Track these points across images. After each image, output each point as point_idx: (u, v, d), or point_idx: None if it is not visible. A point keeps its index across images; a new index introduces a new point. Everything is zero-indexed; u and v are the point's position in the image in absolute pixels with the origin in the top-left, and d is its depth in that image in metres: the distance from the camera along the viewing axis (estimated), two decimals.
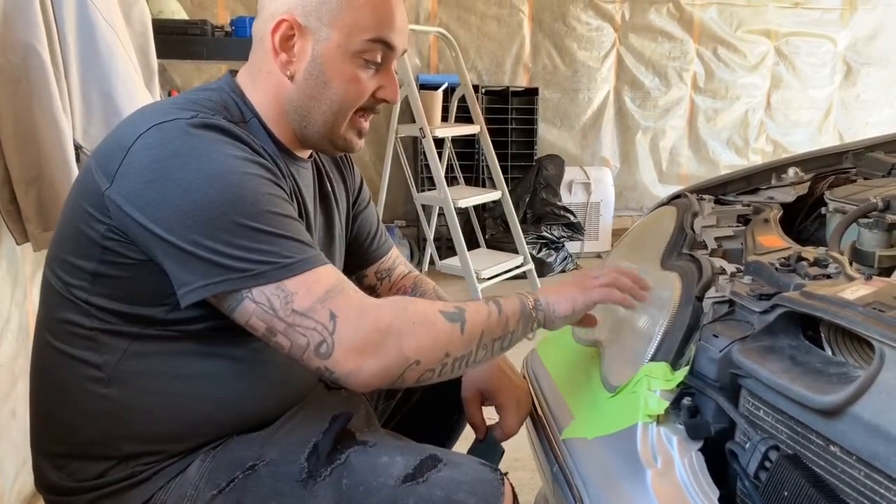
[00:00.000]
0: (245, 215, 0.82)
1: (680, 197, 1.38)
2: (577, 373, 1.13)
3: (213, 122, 0.87)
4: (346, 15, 0.93)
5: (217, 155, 0.84)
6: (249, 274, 0.81)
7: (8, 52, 1.26)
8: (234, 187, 0.83)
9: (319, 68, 0.95)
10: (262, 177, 0.87)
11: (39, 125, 1.30)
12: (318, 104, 0.97)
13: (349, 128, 1.00)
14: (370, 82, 0.97)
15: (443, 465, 0.93)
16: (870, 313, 0.70)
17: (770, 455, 0.73)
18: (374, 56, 0.96)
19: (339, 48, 0.94)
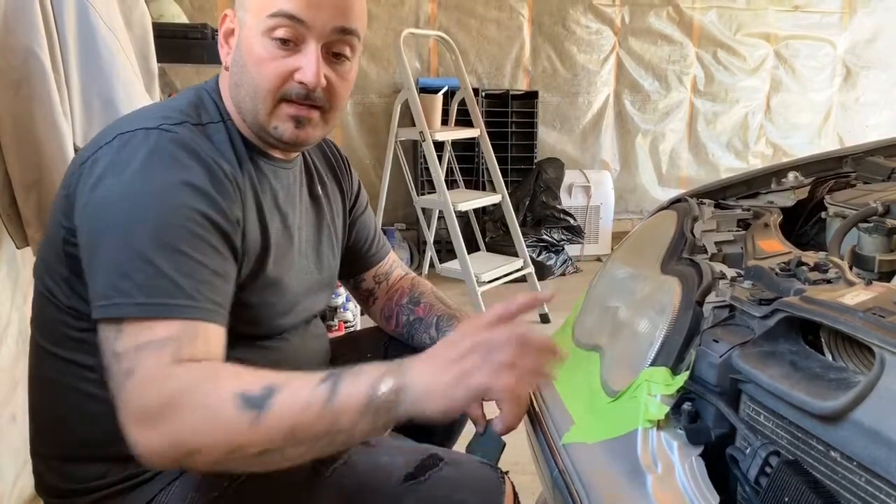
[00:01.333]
0: (142, 241, 0.80)
1: (680, 201, 1.38)
2: (577, 377, 1.12)
3: (173, 135, 0.87)
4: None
5: (153, 174, 0.83)
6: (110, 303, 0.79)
7: (8, 55, 1.26)
8: (149, 210, 0.81)
9: (240, 54, 0.94)
10: (190, 207, 0.83)
11: (39, 129, 1.30)
12: (241, 90, 0.95)
13: (276, 117, 0.94)
14: (283, 63, 0.91)
15: (444, 465, 0.94)
16: (870, 319, 0.70)
17: (770, 460, 0.73)
18: (283, 33, 0.90)
19: (251, 30, 0.92)
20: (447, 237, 3.54)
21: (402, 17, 4.24)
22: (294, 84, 0.92)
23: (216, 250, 0.85)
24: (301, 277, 1.06)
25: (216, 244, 0.85)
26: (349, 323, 2.82)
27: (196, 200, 0.84)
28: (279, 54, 0.91)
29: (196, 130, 0.91)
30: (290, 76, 0.92)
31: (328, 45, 0.93)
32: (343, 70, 0.97)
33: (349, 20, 0.93)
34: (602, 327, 1.15)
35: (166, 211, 0.82)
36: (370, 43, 4.21)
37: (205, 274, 0.82)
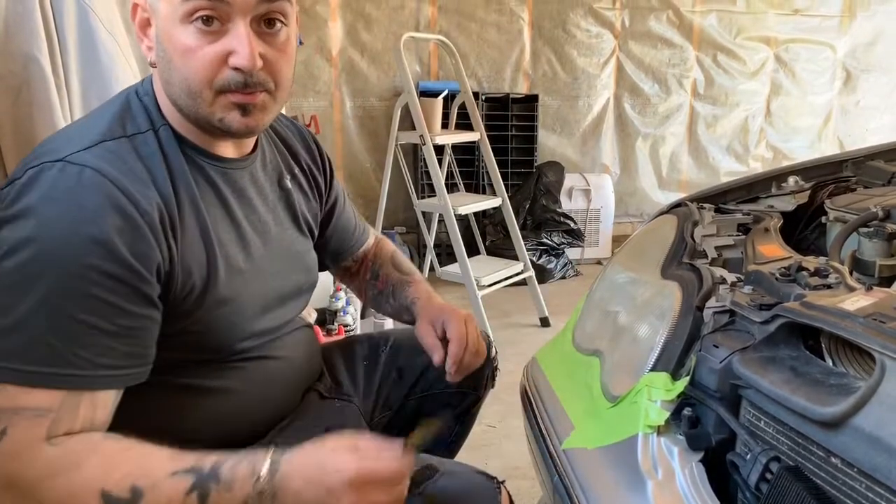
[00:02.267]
0: (30, 305, 0.73)
1: (680, 206, 1.38)
2: (577, 382, 1.12)
3: (79, 171, 0.77)
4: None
5: (50, 228, 0.75)
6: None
7: (8, 60, 1.26)
8: (42, 272, 0.74)
9: (161, 47, 0.83)
10: (87, 266, 0.75)
11: (40, 133, 1.30)
12: (172, 87, 0.85)
13: (219, 108, 0.85)
14: (212, 50, 0.82)
15: (439, 476, 0.93)
16: (870, 324, 0.70)
17: (771, 466, 0.73)
18: (204, 12, 0.80)
19: (167, 19, 0.82)
20: (447, 241, 3.54)
21: (403, 21, 4.24)
22: (228, 71, 0.82)
23: (118, 308, 0.77)
24: (268, 285, 0.99)
25: (119, 301, 0.77)
26: (349, 327, 2.82)
27: (96, 257, 0.75)
28: (205, 40, 0.81)
29: (118, 150, 0.82)
30: (222, 62, 0.82)
31: (257, 18, 0.83)
32: (279, 41, 0.86)
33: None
34: (602, 332, 1.14)
35: (60, 273, 0.74)
36: (371, 46, 4.22)
37: (98, 338, 0.76)
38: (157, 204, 0.81)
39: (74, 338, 0.75)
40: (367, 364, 1.28)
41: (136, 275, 0.78)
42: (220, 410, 0.95)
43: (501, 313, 3.42)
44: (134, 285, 0.78)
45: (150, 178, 0.83)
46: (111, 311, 0.77)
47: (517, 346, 2.94)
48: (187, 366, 0.91)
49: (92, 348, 0.76)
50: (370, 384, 1.26)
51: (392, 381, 1.28)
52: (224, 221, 0.92)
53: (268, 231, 1.00)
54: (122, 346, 0.78)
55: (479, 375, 1.31)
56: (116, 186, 0.78)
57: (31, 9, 1.27)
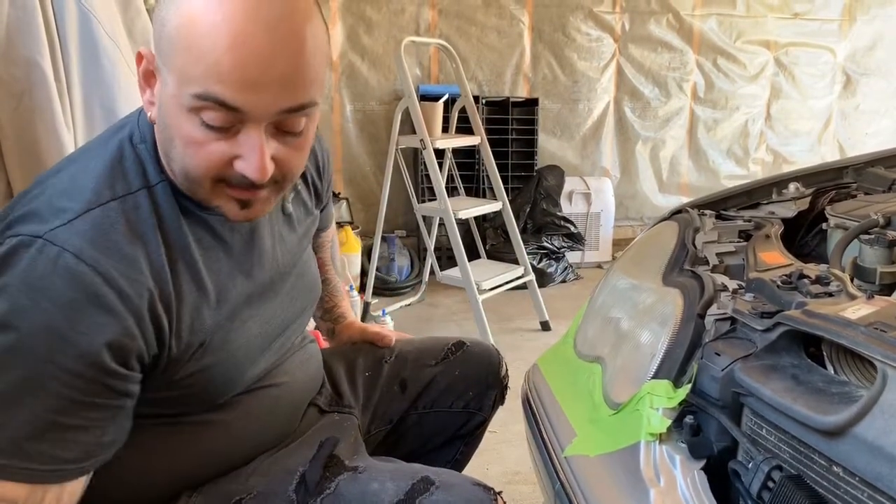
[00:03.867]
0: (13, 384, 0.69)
1: (681, 212, 1.38)
2: (579, 389, 1.12)
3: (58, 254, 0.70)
4: (175, 56, 0.71)
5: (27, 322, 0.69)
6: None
7: (11, 66, 1.27)
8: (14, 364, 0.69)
9: (164, 119, 0.75)
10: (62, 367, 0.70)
11: (42, 139, 1.30)
12: (170, 161, 0.78)
13: (217, 197, 0.79)
14: (218, 149, 0.74)
15: (435, 489, 0.91)
16: (872, 333, 0.70)
17: (773, 475, 0.73)
18: (212, 119, 0.72)
19: (174, 99, 0.73)
20: (447, 244, 3.55)
21: (403, 25, 4.25)
22: (234, 172, 0.76)
23: (88, 404, 0.72)
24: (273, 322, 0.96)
25: (89, 398, 0.72)
26: None
27: (68, 358, 0.70)
28: (212, 136, 0.73)
29: (103, 222, 0.74)
30: (228, 163, 0.75)
31: (276, 124, 0.76)
32: (297, 142, 0.79)
33: (300, 96, 0.74)
34: (604, 339, 1.15)
35: (28, 367, 0.69)
36: (371, 50, 4.22)
37: (65, 433, 0.71)
38: (147, 290, 0.75)
39: (39, 433, 0.70)
40: (368, 375, 1.25)
41: (111, 374, 0.72)
42: (219, 442, 0.94)
43: (502, 317, 3.42)
44: (107, 383, 0.73)
45: (143, 253, 0.75)
46: (80, 406, 0.71)
47: (518, 350, 2.94)
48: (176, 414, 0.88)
49: (58, 443, 0.71)
50: (370, 397, 1.23)
51: (393, 394, 1.25)
52: (228, 272, 0.87)
53: (276, 264, 0.96)
54: (91, 437, 0.73)
55: (485, 395, 1.30)
56: (98, 274, 0.71)
57: (33, 14, 1.27)
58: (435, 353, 1.30)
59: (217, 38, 0.68)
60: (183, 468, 0.91)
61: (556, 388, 1.19)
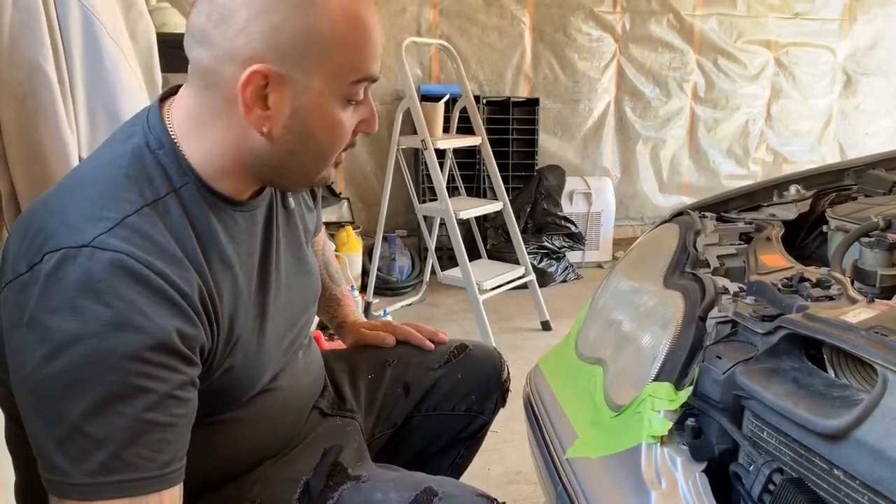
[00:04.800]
0: (81, 412, 0.68)
1: (682, 214, 1.38)
2: (580, 390, 1.13)
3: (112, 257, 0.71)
4: (329, 60, 0.79)
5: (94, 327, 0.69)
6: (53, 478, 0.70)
7: (14, 69, 1.27)
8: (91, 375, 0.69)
9: (302, 121, 0.81)
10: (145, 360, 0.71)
11: (45, 142, 1.30)
12: (299, 156, 0.84)
13: (330, 167, 0.88)
14: (352, 120, 0.85)
15: (438, 500, 0.91)
16: (873, 337, 0.70)
17: (774, 478, 0.74)
18: (359, 94, 0.84)
19: (321, 96, 0.80)
20: (448, 244, 3.55)
21: (404, 25, 4.25)
22: (351, 136, 0.87)
23: (175, 398, 0.74)
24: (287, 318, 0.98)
25: (175, 391, 0.73)
26: None
27: (149, 350, 0.71)
28: (349, 113, 0.84)
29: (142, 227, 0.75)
30: (354, 132, 0.87)
31: None
32: None
33: None
34: (605, 341, 1.15)
35: (113, 372, 0.69)
36: None
37: (158, 433, 0.72)
38: (196, 284, 0.77)
39: (136, 437, 0.70)
40: (371, 378, 1.26)
41: (187, 362, 0.75)
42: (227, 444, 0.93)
43: (503, 317, 3.42)
44: (185, 372, 0.75)
45: (183, 254, 0.77)
46: (169, 402, 0.73)
47: (519, 350, 2.95)
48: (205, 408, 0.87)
49: (154, 445, 0.71)
50: (373, 400, 1.23)
51: (396, 397, 1.26)
52: (253, 268, 0.89)
53: (287, 260, 0.98)
54: (179, 436, 0.75)
55: (487, 398, 1.30)
56: (153, 272, 0.73)
57: (36, 17, 1.28)
58: (438, 356, 1.30)
59: (362, 28, 0.81)
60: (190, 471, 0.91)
61: (558, 390, 1.19)
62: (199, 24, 0.78)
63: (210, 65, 0.78)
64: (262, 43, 0.75)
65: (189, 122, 0.82)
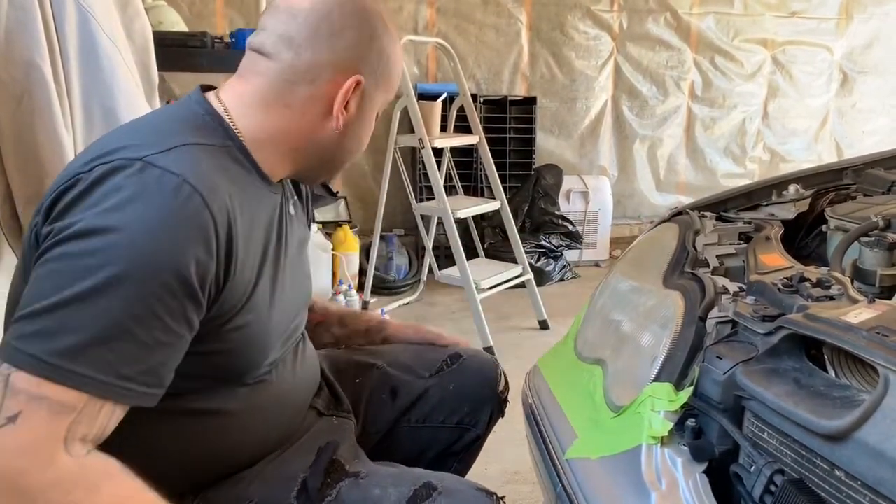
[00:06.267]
0: (87, 289, 0.71)
1: (681, 214, 1.38)
2: (579, 390, 1.13)
3: (160, 173, 0.77)
4: (389, 78, 0.99)
5: (129, 230, 0.73)
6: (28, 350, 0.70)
7: (10, 68, 1.26)
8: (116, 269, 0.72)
9: (359, 122, 0.98)
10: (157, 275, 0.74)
11: (41, 141, 1.30)
12: (345, 152, 1.00)
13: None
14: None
15: (437, 495, 0.91)
16: (874, 338, 0.70)
17: (775, 479, 0.73)
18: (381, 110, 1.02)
19: (375, 105, 0.99)
20: (446, 243, 3.54)
21: (401, 24, 4.24)
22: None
23: (163, 322, 0.76)
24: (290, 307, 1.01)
25: (166, 316, 0.75)
26: None
27: (165, 268, 0.74)
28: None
29: (193, 157, 0.81)
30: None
31: None
32: None
33: None
34: (605, 341, 1.15)
35: (125, 271, 0.72)
36: None
37: (131, 347, 0.74)
38: (227, 219, 0.82)
39: (110, 338, 0.72)
40: (359, 381, 1.24)
41: (192, 294, 0.77)
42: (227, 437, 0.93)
43: (500, 316, 3.42)
44: (185, 304, 0.77)
45: (221, 189, 0.82)
46: (156, 323, 0.75)
47: (517, 349, 2.95)
48: (197, 390, 0.89)
49: (121, 354, 0.73)
50: (358, 402, 1.22)
51: (382, 401, 1.23)
52: (270, 242, 0.93)
53: (293, 250, 1.02)
54: (148, 362, 0.76)
55: (480, 410, 1.27)
56: (197, 193, 0.78)
57: (32, 16, 1.27)
58: (430, 364, 1.28)
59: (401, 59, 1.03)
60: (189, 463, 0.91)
61: (557, 390, 1.19)
62: (300, 32, 0.90)
63: (309, 67, 0.90)
64: (359, 58, 0.93)
65: (252, 104, 0.91)
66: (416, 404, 1.24)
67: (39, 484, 0.68)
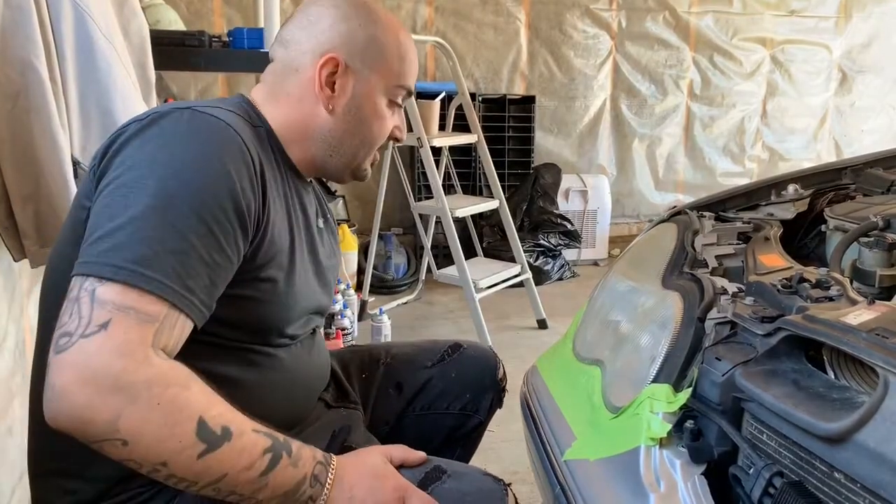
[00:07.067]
0: (168, 217, 0.79)
1: (680, 214, 1.38)
2: (578, 391, 1.12)
3: (209, 117, 0.87)
4: (383, 62, 1.02)
5: (193, 153, 0.83)
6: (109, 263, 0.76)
7: (6, 68, 1.25)
8: (181, 191, 0.80)
9: (358, 105, 1.01)
10: (222, 197, 0.83)
11: (37, 141, 1.29)
12: (353, 138, 1.03)
13: (367, 161, 1.07)
14: (391, 122, 1.06)
15: (447, 477, 0.94)
16: (873, 339, 0.70)
17: (774, 481, 0.73)
18: (398, 99, 1.05)
19: (374, 90, 1.02)
20: (444, 241, 3.54)
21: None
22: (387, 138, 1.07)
23: (218, 244, 0.83)
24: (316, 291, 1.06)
25: (221, 237, 0.83)
26: (346, 330, 2.81)
27: (222, 191, 0.83)
28: (389, 114, 1.05)
29: (233, 117, 0.91)
30: (390, 131, 1.07)
31: None
32: None
33: None
34: (603, 341, 1.14)
35: (187, 192, 0.80)
36: None
37: (196, 263, 0.80)
38: (262, 170, 0.90)
39: (177, 251, 0.78)
40: (365, 376, 1.29)
41: (241, 220, 0.85)
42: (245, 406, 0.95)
43: (499, 315, 3.42)
44: (236, 228, 0.84)
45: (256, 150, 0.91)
46: (213, 242, 0.82)
47: (515, 348, 2.94)
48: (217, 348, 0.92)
49: (187, 267, 0.79)
50: (367, 397, 1.27)
51: (389, 396, 1.28)
52: (296, 220, 1.01)
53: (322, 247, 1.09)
54: (206, 279, 0.82)
55: (482, 397, 1.31)
56: (240, 137, 0.88)
57: (28, 15, 1.26)
58: (431, 354, 1.33)
59: (408, 48, 1.05)
60: None
61: (555, 391, 1.19)
62: (290, 31, 1.01)
63: (294, 57, 1.00)
64: (339, 40, 0.99)
65: (269, 98, 1.01)
66: (420, 394, 1.29)
67: (142, 379, 0.73)
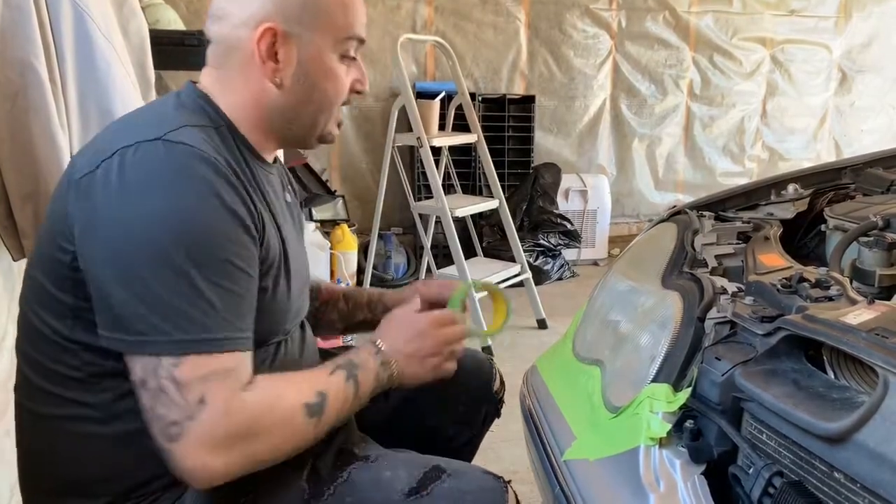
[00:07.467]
0: (187, 274, 0.78)
1: (680, 213, 1.38)
2: (577, 391, 1.12)
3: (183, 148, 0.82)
4: (324, 18, 0.95)
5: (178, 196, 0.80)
6: (167, 339, 0.78)
7: (5, 68, 1.25)
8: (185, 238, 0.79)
9: (306, 72, 0.95)
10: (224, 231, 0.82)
11: (37, 141, 1.29)
12: (307, 106, 0.97)
13: (332, 123, 1.01)
14: (348, 77, 0.99)
15: (447, 476, 0.93)
16: (873, 339, 0.70)
17: (774, 481, 0.73)
18: (350, 51, 0.98)
19: (321, 51, 0.95)
20: (444, 241, 3.54)
21: (399, 22, 4.23)
22: (348, 93, 1.01)
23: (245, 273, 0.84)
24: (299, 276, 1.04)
25: (245, 266, 0.84)
26: None
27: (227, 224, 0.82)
28: (344, 69, 0.99)
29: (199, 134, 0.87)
30: (350, 87, 1.00)
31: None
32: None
33: None
34: (603, 341, 1.14)
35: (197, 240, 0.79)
36: (367, 47, 4.18)
37: (237, 302, 0.83)
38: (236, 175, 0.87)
39: (222, 300, 0.80)
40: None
41: (253, 239, 0.86)
42: None
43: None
44: (252, 249, 0.86)
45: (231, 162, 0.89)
46: (241, 275, 0.83)
47: (515, 348, 2.94)
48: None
49: (233, 312, 0.82)
50: None
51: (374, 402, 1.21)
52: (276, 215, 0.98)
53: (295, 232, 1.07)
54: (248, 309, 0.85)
55: (476, 410, 1.27)
56: (220, 163, 0.84)
57: (27, 15, 1.26)
58: None
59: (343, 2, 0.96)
60: None
61: (555, 391, 1.19)
62: (220, 5, 0.94)
63: (229, 32, 0.93)
64: (272, 7, 0.91)
65: (216, 84, 0.95)
66: (408, 403, 1.23)
67: (249, 421, 0.80)
